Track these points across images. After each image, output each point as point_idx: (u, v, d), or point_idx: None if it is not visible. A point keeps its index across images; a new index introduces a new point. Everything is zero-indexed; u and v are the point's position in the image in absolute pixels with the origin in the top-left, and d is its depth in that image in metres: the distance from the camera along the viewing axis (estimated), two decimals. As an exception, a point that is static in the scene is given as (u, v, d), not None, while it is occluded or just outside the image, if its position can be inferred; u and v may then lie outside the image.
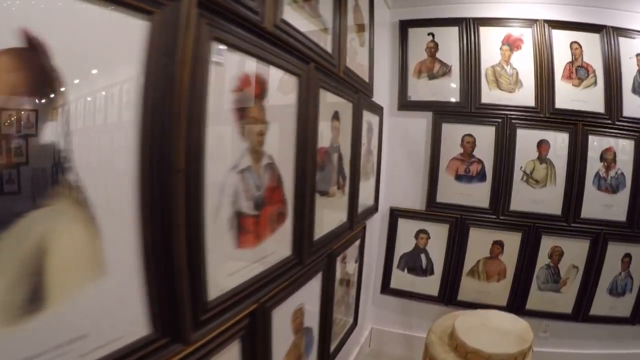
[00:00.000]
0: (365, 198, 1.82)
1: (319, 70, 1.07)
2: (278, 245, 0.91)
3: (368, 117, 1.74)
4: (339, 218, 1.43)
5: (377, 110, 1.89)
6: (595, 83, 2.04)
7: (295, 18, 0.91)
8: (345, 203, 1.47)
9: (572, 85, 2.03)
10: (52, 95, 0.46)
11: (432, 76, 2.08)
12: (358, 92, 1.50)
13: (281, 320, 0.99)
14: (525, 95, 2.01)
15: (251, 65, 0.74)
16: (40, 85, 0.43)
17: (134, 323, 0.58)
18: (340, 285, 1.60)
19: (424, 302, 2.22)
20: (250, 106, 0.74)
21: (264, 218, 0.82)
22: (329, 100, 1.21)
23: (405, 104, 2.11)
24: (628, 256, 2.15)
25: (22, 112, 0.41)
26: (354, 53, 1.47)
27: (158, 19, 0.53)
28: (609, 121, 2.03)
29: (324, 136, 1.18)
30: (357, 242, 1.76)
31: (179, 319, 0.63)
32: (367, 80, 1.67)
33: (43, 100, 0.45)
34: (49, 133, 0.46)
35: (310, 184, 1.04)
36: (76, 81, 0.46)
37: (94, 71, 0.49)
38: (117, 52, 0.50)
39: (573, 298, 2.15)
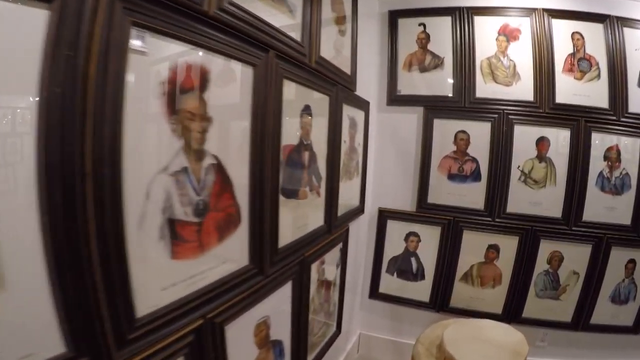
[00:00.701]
0: (348, 199, 1.76)
1: (282, 59, 1.00)
2: (230, 254, 0.86)
3: (350, 112, 1.67)
4: (314, 222, 1.37)
5: (362, 104, 1.83)
6: (598, 76, 1.95)
7: (251, 2, 0.85)
8: (322, 205, 1.41)
9: (574, 78, 1.94)
10: None
11: (423, 69, 2.00)
12: (336, 84, 1.44)
13: (239, 334, 0.93)
14: (524, 89, 1.93)
15: (188, 54, 0.68)
16: None
17: (45, 340, 0.53)
18: (319, 292, 1.53)
19: (414, 307, 2.16)
20: (186, 100, 0.68)
21: (208, 225, 0.76)
22: (297, 93, 1.14)
23: (395, 99, 2.04)
24: (632, 262, 2.07)
25: None
26: (333, 43, 1.40)
27: (59, 7, 0.48)
28: (614, 117, 1.95)
29: (291, 132, 1.12)
30: (339, 246, 1.70)
31: (99, 337, 0.58)
32: (348, 72, 1.60)
33: None
34: None
35: (271, 186, 0.98)
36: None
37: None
38: (10, 48, 0.45)
39: (573, 306, 2.08)
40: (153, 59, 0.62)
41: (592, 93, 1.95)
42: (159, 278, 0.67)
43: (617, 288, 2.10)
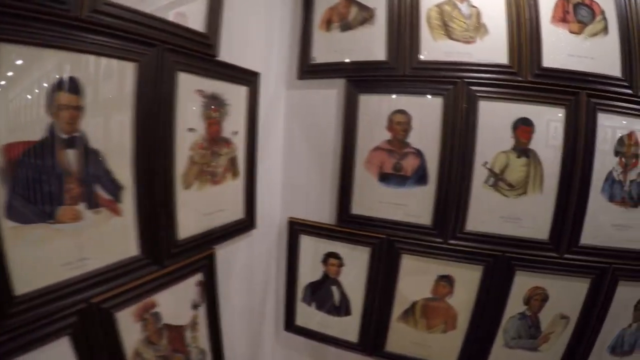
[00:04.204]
0: (213, 211, 0.89)
1: None
2: None
3: (207, 87, 0.83)
4: (112, 252, 0.65)
5: (241, 77, 0.92)
6: (605, 30, 0.93)
7: None
8: (128, 227, 0.67)
9: (570, 32, 0.93)
10: None
11: (346, 26, 1.02)
12: (156, 45, 0.68)
13: None
14: (493, 48, 0.93)
15: None
16: None
17: None
18: (152, 344, 0.74)
19: (340, 348, 1.14)
20: None
21: None
22: (36, 60, 0.50)
23: (308, 70, 1.07)
24: None
25: None
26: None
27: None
28: (629, 90, 0.91)
29: (24, 121, 0.49)
30: (194, 278, 0.86)
31: None
32: (200, 28, 0.77)
33: None
34: None
35: None
36: None
37: None
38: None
39: (557, 358, 1.01)
40: None
41: (598, 54, 0.93)
42: None
43: (620, 336, 1.05)
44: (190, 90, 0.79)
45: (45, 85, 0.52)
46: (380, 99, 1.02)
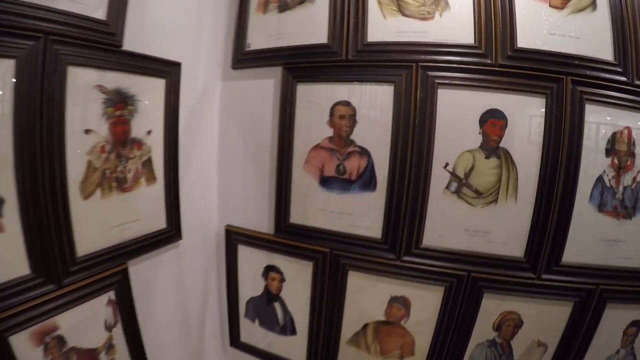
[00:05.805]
0: (124, 221, 0.63)
1: None
2: None
3: (111, 81, 0.56)
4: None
5: (156, 68, 0.65)
6: (593, 6, 0.62)
7: None
8: (15, 243, 0.46)
9: (550, 6, 0.62)
10: None
11: (283, 7, 0.75)
12: (39, 37, 0.46)
13: None
14: (455, 24, 0.63)
15: None
16: None
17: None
18: None
19: (290, 369, 0.86)
20: None
21: None
22: None
23: (242, 58, 0.79)
24: (635, 325, 0.70)
25: None
26: None
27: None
28: (623, 77, 0.59)
29: None
30: (105, 297, 0.61)
31: None
32: (100, 15, 0.52)
33: None
34: None
35: None
36: None
37: None
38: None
39: None
40: None
41: (584, 33, 0.62)
42: None
43: (608, 363, 0.72)
44: (86, 86, 0.57)
45: None
46: (321, 89, 0.74)
